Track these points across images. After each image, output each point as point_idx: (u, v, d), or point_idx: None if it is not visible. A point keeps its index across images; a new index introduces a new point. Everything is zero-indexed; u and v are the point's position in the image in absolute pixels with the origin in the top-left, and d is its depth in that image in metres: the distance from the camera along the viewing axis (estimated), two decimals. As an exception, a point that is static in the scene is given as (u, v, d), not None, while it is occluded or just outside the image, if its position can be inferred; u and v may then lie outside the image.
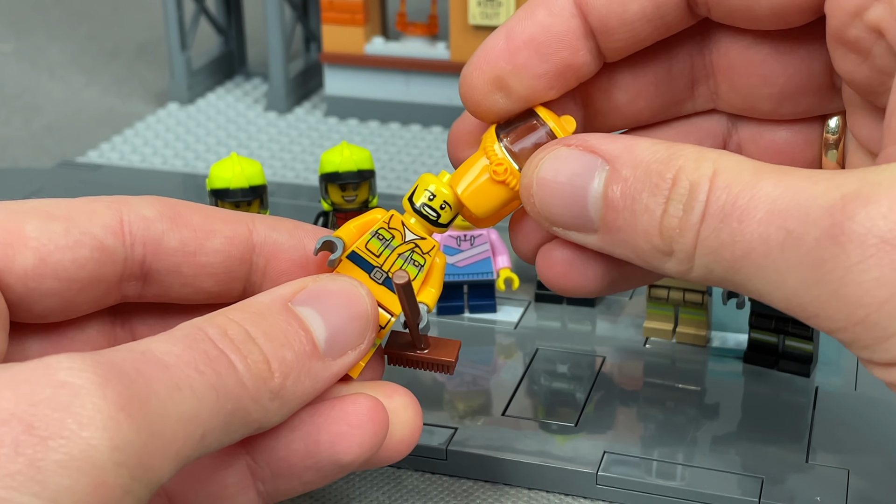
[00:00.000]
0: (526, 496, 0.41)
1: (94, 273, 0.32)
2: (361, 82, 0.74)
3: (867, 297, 0.26)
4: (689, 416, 0.43)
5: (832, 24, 0.31)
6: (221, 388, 0.28)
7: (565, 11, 0.33)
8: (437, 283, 0.36)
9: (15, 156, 0.71)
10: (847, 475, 0.39)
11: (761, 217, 0.28)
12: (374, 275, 0.35)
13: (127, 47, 0.90)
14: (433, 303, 0.35)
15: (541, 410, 0.44)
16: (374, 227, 0.35)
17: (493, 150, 0.34)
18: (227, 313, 0.31)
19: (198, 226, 0.34)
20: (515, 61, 0.33)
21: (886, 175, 0.27)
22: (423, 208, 0.35)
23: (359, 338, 0.33)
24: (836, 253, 0.27)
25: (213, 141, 0.72)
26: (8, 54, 0.88)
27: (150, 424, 0.26)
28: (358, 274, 0.34)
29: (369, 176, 0.48)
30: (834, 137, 0.34)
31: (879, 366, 0.28)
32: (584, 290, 0.34)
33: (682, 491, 0.39)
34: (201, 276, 0.34)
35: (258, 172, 0.47)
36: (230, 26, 0.82)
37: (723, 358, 0.46)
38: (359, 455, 0.32)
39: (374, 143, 0.71)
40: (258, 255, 0.35)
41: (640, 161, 0.30)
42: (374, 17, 0.74)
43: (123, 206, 0.33)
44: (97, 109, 0.78)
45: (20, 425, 0.24)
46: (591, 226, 0.32)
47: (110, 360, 0.26)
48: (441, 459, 0.41)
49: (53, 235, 0.31)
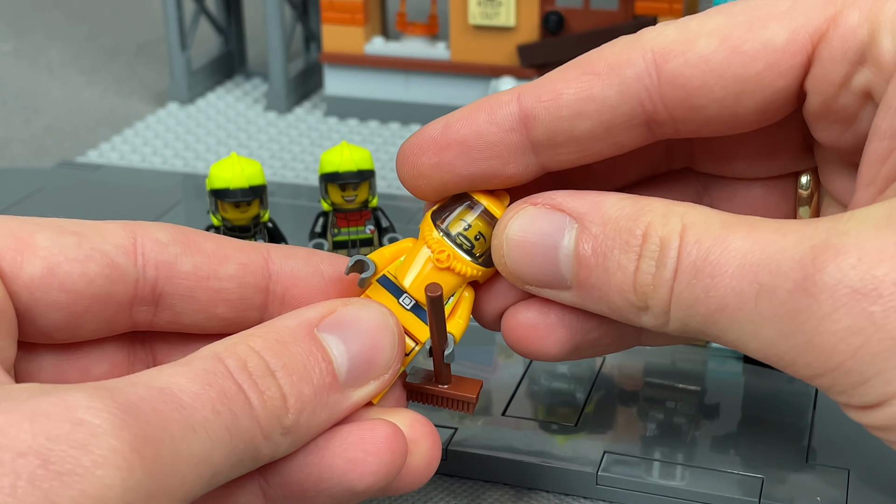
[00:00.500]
0: (526, 496, 0.41)
1: (102, 290, 0.32)
2: (361, 82, 0.74)
3: (841, 345, 0.27)
4: (689, 416, 0.43)
5: (815, 99, 0.31)
6: (235, 428, 0.28)
7: (506, 123, 0.32)
8: (466, 315, 0.35)
9: (15, 155, 0.71)
10: (847, 475, 0.39)
11: (733, 271, 0.28)
12: (403, 300, 0.34)
13: (127, 47, 0.90)
14: (460, 334, 0.35)
15: (541, 410, 0.44)
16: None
17: (432, 238, 0.34)
18: (249, 341, 0.30)
19: (211, 251, 0.34)
20: (442, 157, 0.33)
21: (853, 224, 0.27)
22: (459, 237, 0.34)
23: (383, 368, 0.32)
24: (809, 304, 0.27)
25: (212, 141, 0.72)
26: (8, 54, 0.88)
27: (161, 467, 0.26)
28: (386, 298, 0.34)
29: (369, 176, 0.48)
30: (806, 193, 0.35)
31: (857, 409, 0.28)
32: (546, 355, 0.34)
33: (682, 491, 0.39)
34: (215, 302, 0.34)
35: (258, 172, 0.47)
36: (230, 26, 0.82)
37: (723, 358, 0.46)
38: (373, 484, 0.31)
39: (374, 143, 0.71)
40: (275, 282, 0.34)
41: (608, 218, 0.31)
42: (374, 16, 0.74)
43: (137, 228, 0.33)
44: (97, 109, 0.78)
45: (37, 459, 0.24)
46: (564, 283, 0.32)
47: (129, 399, 0.26)
48: (441, 459, 0.41)
49: (64, 247, 0.31)
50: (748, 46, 0.30)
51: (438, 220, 0.34)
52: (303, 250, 0.35)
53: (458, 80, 0.72)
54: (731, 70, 0.30)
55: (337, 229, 0.49)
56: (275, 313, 0.34)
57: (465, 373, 0.46)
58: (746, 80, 0.30)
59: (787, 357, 0.28)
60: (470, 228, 0.34)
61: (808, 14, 0.30)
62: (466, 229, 0.34)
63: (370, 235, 0.49)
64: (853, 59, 0.29)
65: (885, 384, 0.27)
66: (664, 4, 0.67)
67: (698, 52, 0.30)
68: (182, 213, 0.61)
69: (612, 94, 0.31)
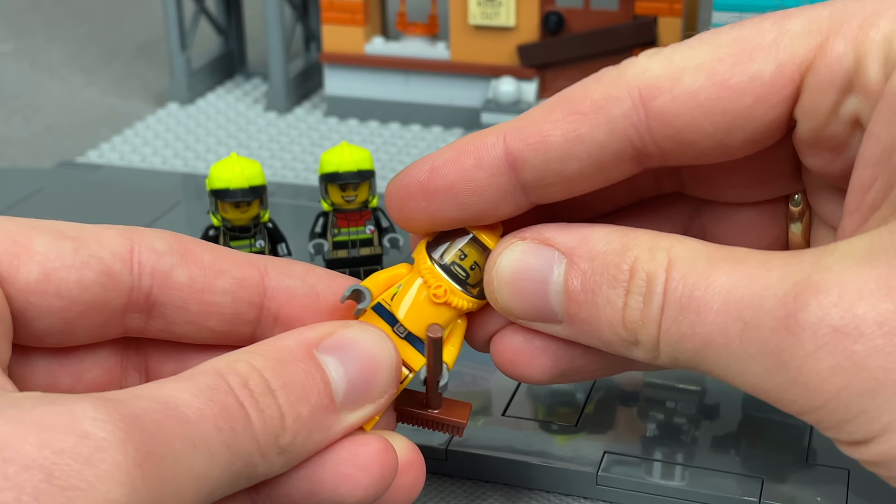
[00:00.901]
0: (526, 496, 0.41)
1: (97, 297, 0.32)
2: (361, 82, 0.74)
3: (825, 385, 0.27)
4: (689, 416, 0.43)
5: (805, 127, 0.30)
6: (235, 445, 0.28)
7: (494, 167, 0.32)
8: (459, 343, 0.35)
9: (15, 156, 0.71)
10: (847, 475, 0.39)
11: (718, 308, 0.28)
12: (397, 329, 0.34)
13: (127, 47, 0.90)
14: (452, 362, 0.35)
15: (541, 410, 0.44)
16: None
17: (427, 271, 0.34)
18: (250, 359, 0.30)
19: (208, 264, 0.34)
20: (430, 202, 0.33)
21: (835, 259, 0.27)
22: (454, 267, 0.34)
23: (379, 393, 0.32)
24: (792, 343, 0.27)
25: (212, 141, 0.72)
26: (8, 54, 0.88)
27: (163, 483, 0.26)
28: (381, 325, 0.34)
29: (369, 176, 0.48)
30: (798, 209, 0.35)
31: (846, 445, 0.29)
32: (532, 379, 0.35)
33: (682, 491, 0.39)
34: (208, 315, 0.34)
35: (258, 172, 0.47)
36: (230, 26, 0.82)
37: (723, 358, 0.46)
38: (363, 498, 0.32)
39: (374, 144, 0.71)
40: (270, 299, 0.34)
41: (596, 253, 0.31)
42: (374, 16, 0.74)
43: (135, 235, 0.33)
44: (97, 109, 0.78)
45: (41, 473, 0.24)
46: (555, 318, 0.32)
47: (133, 411, 0.26)
48: (441, 459, 0.41)
49: (61, 253, 0.31)
50: (735, 81, 0.30)
51: (433, 251, 0.34)
52: (300, 266, 0.35)
53: (458, 80, 0.72)
54: (719, 105, 0.30)
55: (337, 229, 0.49)
56: (267, 329, 0.34)
57: (465, 373, 0.47)
58: (736, 114, 0.30)
59: (773, 394, 0.28)
60: (465, 258, 0.34)
61: (794, 44, 0.30)
62: (462, 259, 0.34)
63: (370, 235, 0.49)
64: (841, 88, 0.29)
65: (870, 423, 0.27)
66: (664, 4, 0.67)
67: (685, 88, 0.30)
68: (182, 214, 0.61)
69: (600, 135, 0.31)
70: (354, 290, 0.34)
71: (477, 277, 0.34)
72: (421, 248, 0.34)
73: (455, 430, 0.36)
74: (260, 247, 0.48)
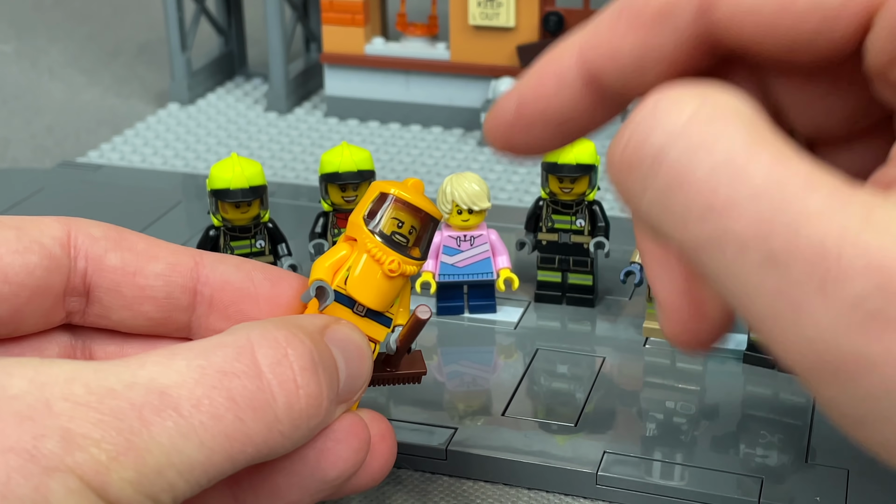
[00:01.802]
0: (526, 496, 0.41)
1: (42, 281, 0.33)
2: (361, 83, 0.74)
3: None
4: (688, 416, 0.43)
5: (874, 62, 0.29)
6: (238, 432, 0.28)
7: (576, 88, 0.31)
8: (409, 304, 0.37)
9: (15, 156, 0.71)
10: (847, 475, 0.39)
11: None
12: (357, 309, 0.35)
13: (127, 48, 0.90)
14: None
15: (541, 410, 0.44)
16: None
17: (375, 248, 0.35)
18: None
19: (141, 250, 0.35)
20: (529, 134, 0.32)
21: None
22: (396, 237, 0.36)
23: (361, 387, 0.34)
24: None
25: (213, 141, 0.72)
26: (9, 54, 0.88)
27: (145, 476, 0.26)
28: (341, 310, 0.35)
29: (369, 176, 0.48)
30: None
31: None
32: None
33: (681, 491, 0.39)
34: (141, 299, 0.35)
35: (258, 173, 0.47)
36: (230, 27, 0.82)
37: (722, 358, 0.46)
38: (344, 471, 0.32)
39: (374, 144, 0.71)
40: (203, 284, 0.35)
41: None
42: (375, 17, 0.74)
43: (72, 222, 0.34)
44: (98, 110, 0.79)
45: (23, 456, 0.25)
46: None
47: (120, 406, 0.27)
48: (441, 459, 0.41)
49: (4, 240, 0.32)
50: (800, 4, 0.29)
51: (370, 224, 0.35)
52: (235, 258, 0.36)
53: (458, 80, 0.72)
54: (782, 24, 0.28)
55: (337, 229, 0.49)
56: (202, 317, 0.35)
57: (465, 373, 0.47)
58: (796, 38, 0.29)
59: None
60: (403, 225, 0.35)
61: None
62: (400, 227, 0.35)
63: (370, 236, 0.49)
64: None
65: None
66: (664, 5, 0.67)
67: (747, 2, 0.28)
68: (182, 214, 0.61)
69: (668, 44, 0.30)
70: (318, 288, 0.35)
71: (413, 239, 0.36)
72: (362, 226, 0.35)
73: (416, 380, 0.38)
74: (260, 247, 0.48)
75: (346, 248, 0.36)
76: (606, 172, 0.28)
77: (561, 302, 0.51)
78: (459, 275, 0.50)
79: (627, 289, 0.51)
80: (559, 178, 0.49)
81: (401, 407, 0.44)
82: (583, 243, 0.50)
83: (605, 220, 0.50)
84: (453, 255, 0.49)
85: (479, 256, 0.50)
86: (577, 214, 0.49)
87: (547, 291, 0.51)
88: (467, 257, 0.50)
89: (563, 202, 0.49)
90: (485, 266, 0.50)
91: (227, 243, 0.48)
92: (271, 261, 0.49)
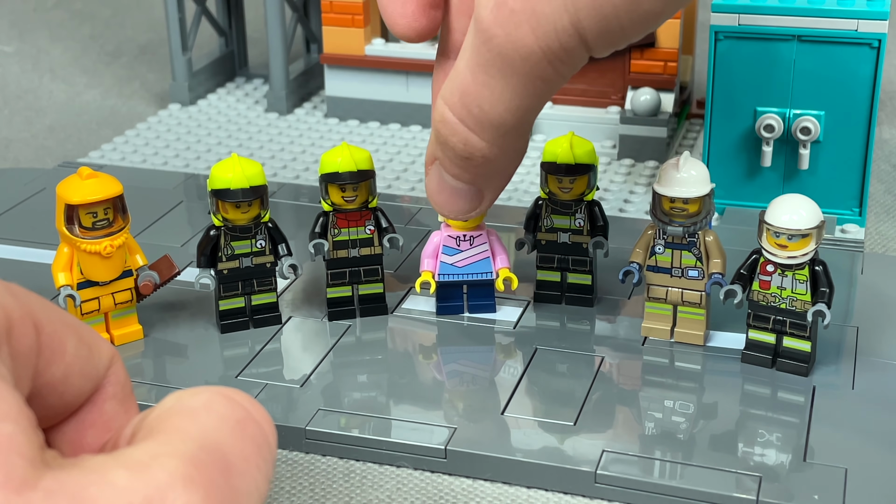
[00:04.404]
0: (525, 495, 0.41)
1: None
2: (362, 83, 0.74)
3: None
4: (687, 415, 0.43)
5: None
6: None
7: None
8: (137, 248, 0.48)
9: (17, 156, 0.72)
10: (845, 474, 0.40)
11: None
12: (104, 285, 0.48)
13: (128, 48, 0.90)
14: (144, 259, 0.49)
15: (540, 410, 0.44)
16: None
17: (85, 245, 0.46)
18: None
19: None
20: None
21: None
22: (97, 225, 0.46)
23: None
24: None
25: (213, 142, 0.72)
26: (10, 55, 0.88)
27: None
28: (98, 291, 0.47)
29: (369, 176, 0.48)
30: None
31: None
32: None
33: (680, 489, 0.39)
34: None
35: (259, 173, 0.47)
36: (231, 28, 0.82)
37: (721, 357, 0.47)
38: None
39: (374, 144, 0.71)
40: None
41: None
42: (375, 18, 0.74)
43: (116, 354, 0.31)
44: (99, 110, 0.79)
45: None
46: None
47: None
48: (441, 459, 0.41)
49: (79, 357, 0.29)
50: None
51: (74, 231, 0.46)
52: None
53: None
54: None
55: (337, 229, 0.49)
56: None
57: (465, 373, 0.47)
58: None
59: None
60: (98, 214, 0.46)
61: None
62: (96, 216, 0.46)
63: (370, 235, 0.50)
64: None
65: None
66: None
67: None
68: (183, 214, 0.61)
69: None
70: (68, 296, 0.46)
71: (113, 215, 0.46)
72: (67, 234, 0.46)
73: (176, 273, 0.49)
74: (260, 247, 0.48)
75: (67, 246, 0.46)
76: None
77: (560, 301, 0.51)
78: (459, 274, 0.50)
79: (626, 288, 0.51)
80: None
81: (400, 406, 0.44)
82: (582, 243, 0.50)
83: (604, 219, 0.50)
84: (453, 255, 0.50)
85: (478, 256, 0.50)
86: (576, 214, 0.50)
87: (546, 291, 0.51)
88: (467, 257, 0.50)
89: (563, 202, 0.50)
90: (484, 266, 0.50)
91: (228, 243, 0.48)
92: (271, 260, 0.49)
